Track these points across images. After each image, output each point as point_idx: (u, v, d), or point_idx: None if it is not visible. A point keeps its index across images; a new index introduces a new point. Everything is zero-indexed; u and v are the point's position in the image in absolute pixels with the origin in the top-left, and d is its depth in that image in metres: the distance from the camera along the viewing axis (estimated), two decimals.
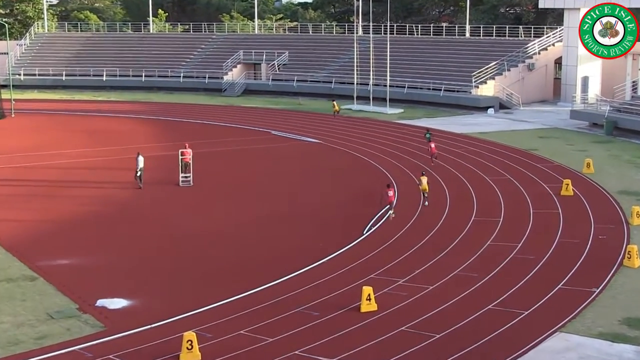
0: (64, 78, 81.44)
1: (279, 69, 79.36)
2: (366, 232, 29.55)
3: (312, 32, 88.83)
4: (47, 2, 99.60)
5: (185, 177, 37.90)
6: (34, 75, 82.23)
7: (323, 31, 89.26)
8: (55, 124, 58.36)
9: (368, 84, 68.31)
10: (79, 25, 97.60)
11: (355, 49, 70.12)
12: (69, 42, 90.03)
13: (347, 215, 32.23)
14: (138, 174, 37.21)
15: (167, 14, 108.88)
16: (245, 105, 69.77)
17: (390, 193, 31.77)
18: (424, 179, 34.04)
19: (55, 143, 49.87)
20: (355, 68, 68.75)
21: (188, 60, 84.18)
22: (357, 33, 76.38)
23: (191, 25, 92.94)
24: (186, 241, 28.60)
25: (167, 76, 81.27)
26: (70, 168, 41.95)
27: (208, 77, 79.48)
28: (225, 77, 79.42)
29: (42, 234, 29.53)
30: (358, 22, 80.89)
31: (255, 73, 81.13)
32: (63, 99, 74.15)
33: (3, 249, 27.33)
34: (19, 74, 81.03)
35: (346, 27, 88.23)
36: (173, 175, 38.75)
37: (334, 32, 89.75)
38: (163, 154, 45.79)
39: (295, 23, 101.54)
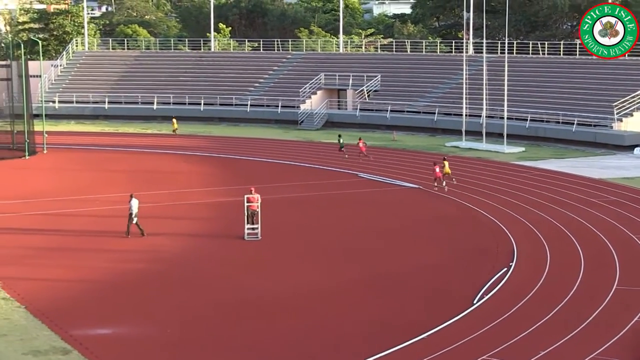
0: (106, 106, 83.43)
1: (368, 96, 79.77)
2: (477, 302, 29.17)
3: (411, 51, 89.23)
4: (88, 14, 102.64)
5: (252, 228, 38.15)
6: (71, 102, 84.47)
7: (424, 50, 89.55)
8: (93, 163, 59.74)
9: (480, 116, 67.99)
10: (125, 41, 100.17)
11: (464, 72, 70.03)
12: (113, 62, 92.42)
13: (452, 280, 31.89)
14: (134, 221, 37.99)
15: (231, 28, 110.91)
16: (327, 141, 70.19)
17: (437, 169, 48.01)
18: (447, 163, 49.40)
19: (92, 186, 50.96)
20: (464, 96, 68.58)
21: (257, 85, 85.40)
22: (467, 52, 76.32)
23: (261, 43, 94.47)
24: (251, 308, 28.66)
25: (231, 105, 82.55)
26: (110, 216, 42.68)
27: (281, 106, 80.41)
28: (302, 107, 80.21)
29: (75, 297, 30.04)
30: (468, 39, 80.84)
31: (339, 101, 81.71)
32: (104, 131, 75.96)
33: (30, 315, 27.88)
34: (53, 101, 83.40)
35: (453, 44, 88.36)
36: (237, 226, 39.10)
37: (438, 51, 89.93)
38: (224, 200, 46.29)
39: (389, 40, 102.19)
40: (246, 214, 38.28)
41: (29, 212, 43.22)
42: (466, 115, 68.56)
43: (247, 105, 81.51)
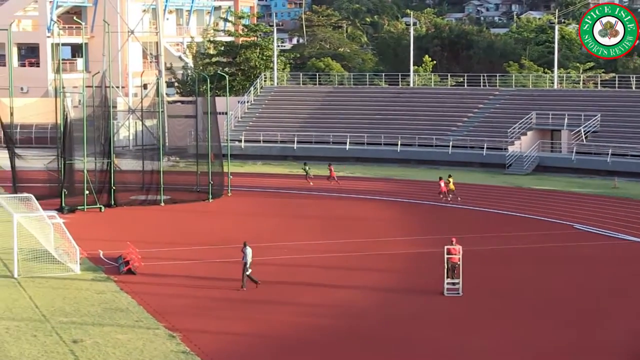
0: (295, 146, 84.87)
1: (586, 137, 78.22)
2: None
3: (636, 87, 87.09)
4: (278, 47, 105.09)
5: (452, 283, 37.89)
6: (258, 142, 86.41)
7: None
8: (279, 207, 60.86)
9: None
10: (317, 76, 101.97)
11: None
12: (303, 98, 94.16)
13: None
14: (248, 272, 38.47)
15: (434, 62, 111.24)
16: (538, 188, 69.13)
17: (442, 184, 61.23)
18: (451, 180, 61.52)
19: (277, 232, 51.85)
20: None
21: (460, 124, 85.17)
22: None
23: (465, 77, 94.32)
24: None
25: (431, 145, 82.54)
26: (294, 266, 43.34)
27: (487, 148, 79.84)
28: (510, 148, 79.40)
29: (257, 353, 30.59)
30: None
31: (552, 143, 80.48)
32: (292, 173, 77.19)
33: None
34: (239, 140, 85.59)
35: None
36: (435, 280, 38.93)
37: None
38: (421, 251, 46.23)
39: (611, 75, 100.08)
40: (446, 267, 38.04)
41: (211, 260, 44.37)
42: None
43: (448, 146, 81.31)
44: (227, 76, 78.43)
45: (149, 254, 44.38)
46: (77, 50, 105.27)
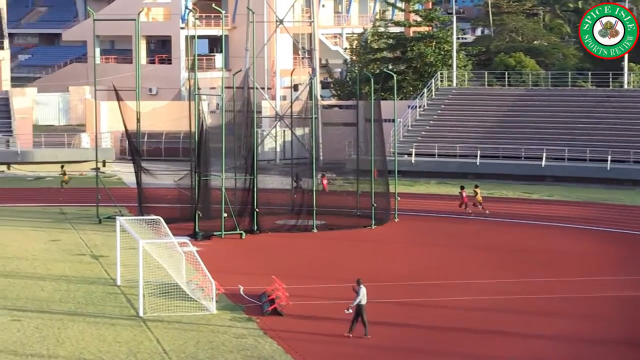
0: (477, 162, 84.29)
1: None
2: None
3: None
4: (458, 39, 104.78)
5: None
6: (432, 155, 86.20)
7: None
8: (454, 236, 60.86)
9: None
10: (506, 75, 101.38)
11: None
12: (488, 102, 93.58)
13: None
14: (363, 319, 38.23)
15: None
16: None
17: (464, 194, 67.06)
18: (478, 190, 67.49)
19: (455, 267, 51.85)
20: None
21: None
22: None
23: None
24: None
25: None
26: (466, 309, 43.36)
27: None
28: None
29: None
30: None
31: None
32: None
33: None
34: (409, 154, 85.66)
35: None
36: None
37: None
38: (631, 295, 45.76)
39: None
40: None
41: (371, 299, 44.70)
42: None
43: None
44: (395, 75, 78.28)
45: (298, 290, 44.92)
46: (215, 43, 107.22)
